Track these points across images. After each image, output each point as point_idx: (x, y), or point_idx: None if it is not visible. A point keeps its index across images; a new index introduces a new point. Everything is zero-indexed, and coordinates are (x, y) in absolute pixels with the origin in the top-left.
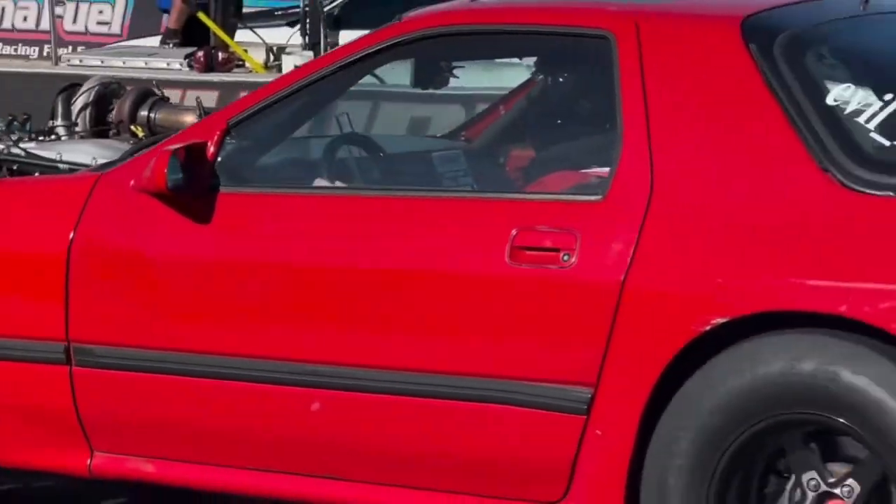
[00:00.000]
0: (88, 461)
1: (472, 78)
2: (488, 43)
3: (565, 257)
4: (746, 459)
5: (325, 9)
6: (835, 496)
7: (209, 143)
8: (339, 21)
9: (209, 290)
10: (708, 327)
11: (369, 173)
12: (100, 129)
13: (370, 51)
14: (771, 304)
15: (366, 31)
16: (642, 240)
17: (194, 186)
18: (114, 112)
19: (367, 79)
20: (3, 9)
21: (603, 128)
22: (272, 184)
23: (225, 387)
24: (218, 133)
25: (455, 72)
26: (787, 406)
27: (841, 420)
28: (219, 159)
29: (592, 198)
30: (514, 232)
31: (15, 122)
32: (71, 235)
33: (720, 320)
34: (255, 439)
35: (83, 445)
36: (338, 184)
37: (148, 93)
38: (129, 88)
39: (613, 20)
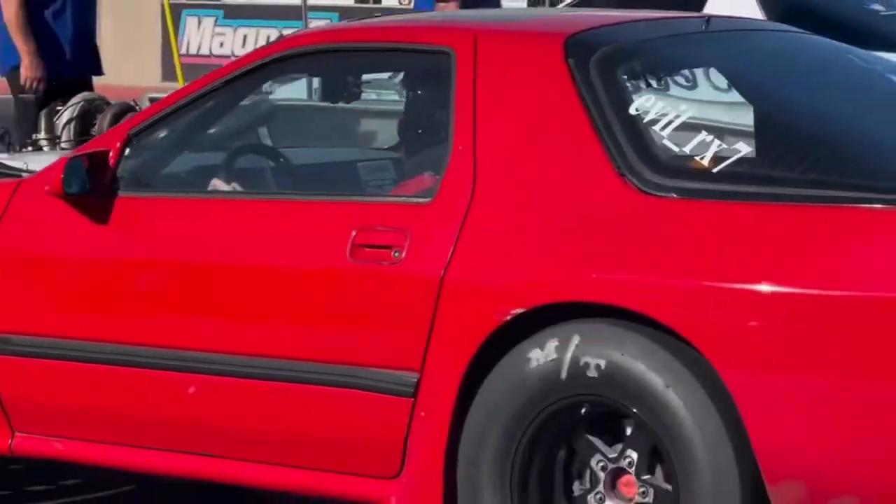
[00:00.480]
0: (10, 441)
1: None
2: (353, 59)
3: (396, 254)
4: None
5: None
6: (624, 471)
7: (111, 152)
8: None
9: (104, 285)
10: (508, 317)
11: (244, 179)
12: (82, 140)
13: (253, 66)
14: (560, 296)
15: None
16: (461, 239)
17: (96, 191)
18: (96, 126)
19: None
20: None
21: (439, 136)
22: (159, 189)
23: (117, 372)
24: (119, 142)
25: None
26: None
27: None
28: (120, 166)
29: (423, 200)
30: (354, 232)
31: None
32: None
33: (519, 311)
34: (143, 420)
35: (4, 426)
36: (215, 189)
37: (128, 108)
38: (111, 104)
39: (455, 37)
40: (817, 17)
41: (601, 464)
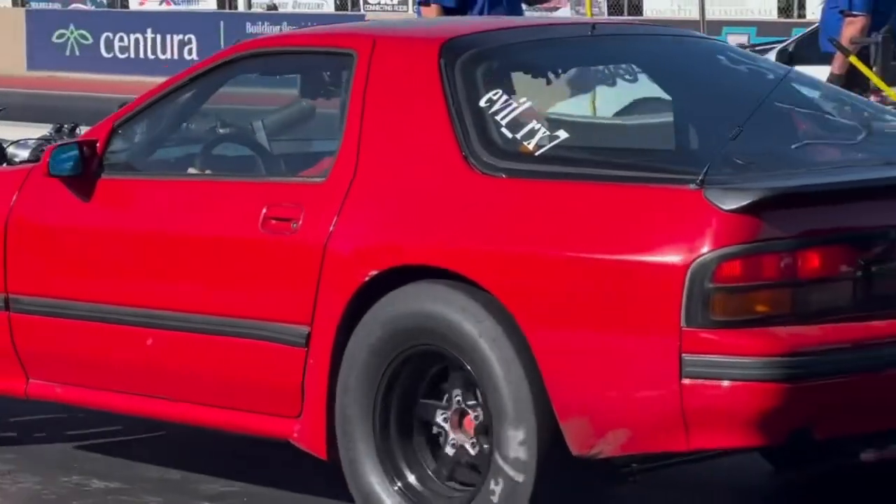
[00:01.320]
0: (25, 386)
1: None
2: (283, 61)
3: (293, 225)
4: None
5: None
6: (465, 412)
7: (98, 140)
8: None
9: (86, 252)
10: (367, 278)
11: (193, 163)
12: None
13: (209, 68)
14: (405, 260)
15: None
16: (341, 213)
17: (85, 173)
18: None
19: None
20: None
21: (339, 126)
22: (130, 171)
23: (95, 328)
24: (106, 132)
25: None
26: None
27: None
28: (105, 153)
29: (317, 180)
30: (265, 208)
31: (63, 128)
32: (7, 212)
33: (375, 272)
34: (117, 367)
35: (21, 374)
36: (169, 172)
37: None
38: None
39: (357, 41)
40: None
41: (454, 407)
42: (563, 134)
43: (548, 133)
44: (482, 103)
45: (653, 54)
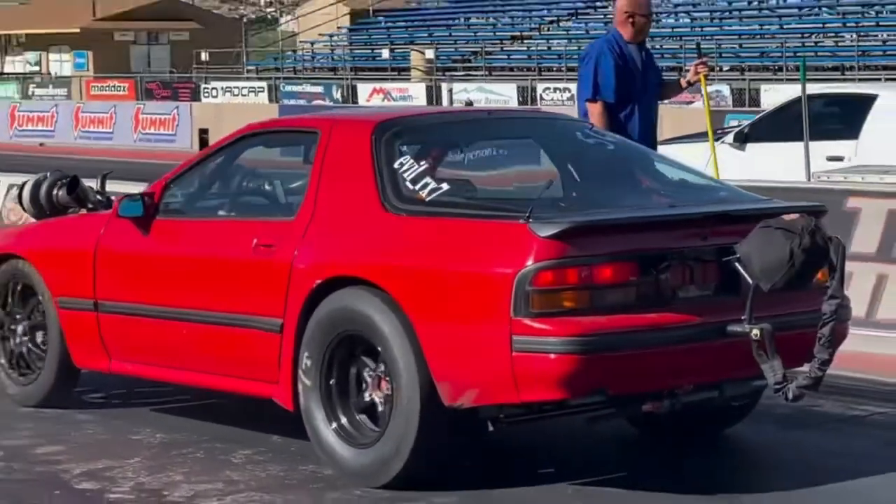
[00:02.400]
0: (109, 364)
1: None
2: (275, 137)
3: (273, 249)
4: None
5: None
6: (380, 378)
7: (155, 193)
8: None
9: (144, 270)
10: (315, 284)
11: (214, 208)
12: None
13: (228, 143)
14: (338, 272)
15: None
16: (302, 242)
17: (147, 215)
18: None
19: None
20: None
21: (306, 181)
22: (174, 214)
23: (153, 323)
24: (160, 187)
25: None
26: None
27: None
28: (162, 201)
29: (289, 218)
30: (255, 238)
31: (108, 175)
32: (96, 242)
33: (319, 281)
34: (165, 350)
35: (105, 355)
36: (200, 214)
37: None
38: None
39: (321, 123)
40: None
41: (369, 373)
42: (444, 186)
43: (435, 186)
44: (395, 166)
45: (526, 131)
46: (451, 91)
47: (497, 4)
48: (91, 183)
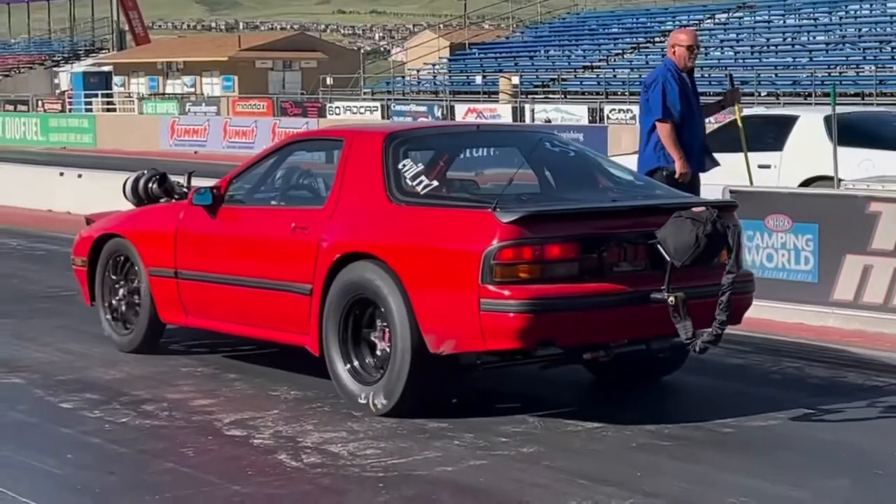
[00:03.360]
0: (185, 320)
1: None
2: (312, 144)
3: (307, 231)
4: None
5: None
6: (384, 330)
7: (222, 185)
8: None
9: (211, 247)
10: (335, 259)
11: (267, 198)
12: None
13: (278, 147)
14: (351, 248)
15: None
16: (328, 225)
17: (215, 204)
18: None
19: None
20: None
21: (334, 179)
22: (236, 203)
23: (213, 287)
24: (226, 182)
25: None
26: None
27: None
28: (226, 192)
29: (319, 207)
30: (294, 222)
31: (192, 174)
32: (176, 225)
33: (338, 255)
34: (224, 308)
35: (184, 314)
36: (255, 203)
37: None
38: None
39: (346, 134)
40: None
41: (378, 327)
42: (435, 183)
43: (428, 182)
44: (399, 167)
45: (509, 141)
46: (532, 111)
47: (572, 39)
48: (180, 179)
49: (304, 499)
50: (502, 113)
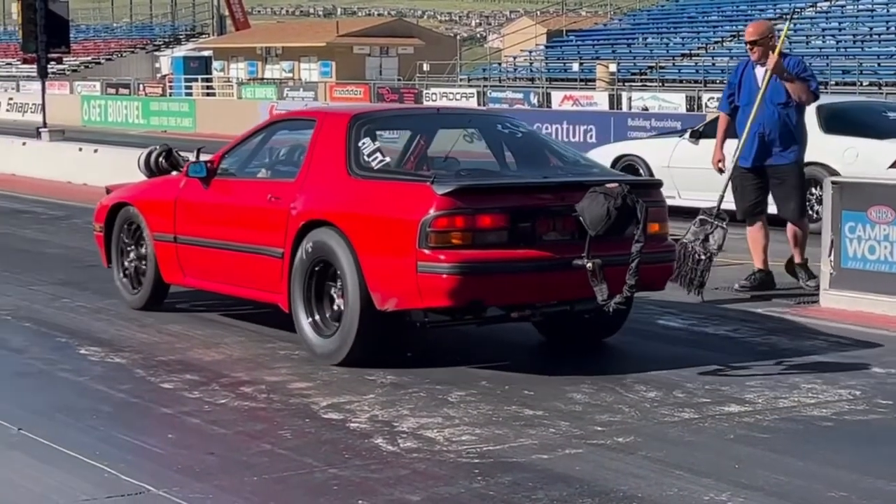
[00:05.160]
0: (184, 280)
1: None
2: (292, 123)
3: (280, 200)
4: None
5: None
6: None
7: (215, 160)
8: None
9: (204, 214)
10: (300, 225)
11: (251, 171)
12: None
13: (265, 124)
14: (313, 216)
15: None
16: (297, 195)
17: (209, 176)
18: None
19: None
20: None
21: (305, 153)
22: (226, 175)
23: (205, 251)
24: (218, 157)
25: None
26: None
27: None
28: (219, 166)
29: (290, 179)
30: (269, 193)
31: (201, 150)
32: (176, 194)
33: (303, 222)
34: (214, 270)
35: (182, 275)
36: (241, 175)
37: (166, 148)
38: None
39: (318, 114)
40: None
41: (333, 286)
42: (386, 159)
43: (381, 158)
44: (359, 145)
45: (467, 123)
46: (629, 99)
47: (670, 26)
48: (190, 154)
49: (400, 483)
50: (599, 101)
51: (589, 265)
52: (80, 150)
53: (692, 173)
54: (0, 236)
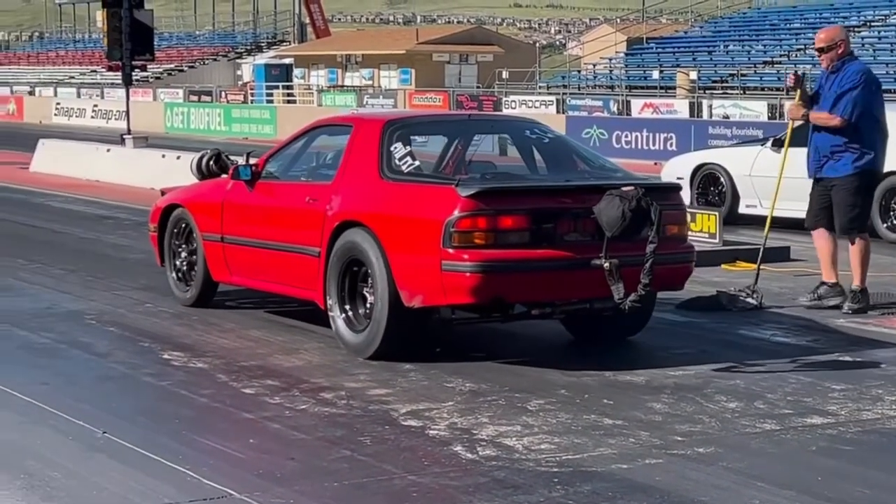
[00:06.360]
0: (230, 278)
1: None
2: (330, 129)
3: (317, 202)
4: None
5: None
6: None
7: (259, 164)
8: None
9: (250, 215)
10: (335, 226)
11: (293, 174)
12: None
13: (305, 129)
14: (346, 217)
15: None
16: (333, 197)
17: (253, 179)
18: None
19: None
20: None
21: (342, 157)
22: (271, 178)
23: (253, 250)
24: (263, 160)
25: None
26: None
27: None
28: (263, 169)
29: (328, 182)
30: (308, 195)
31: (250, 154)
32: (223, 196)
33: (337, 223)
34: (259, 268)
35: (229, 273)
36: (284, 178)
37: (217, 152)
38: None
39: (354, 121)
40: None
41: (364, 284)
42: (416, 162)
43: (411, 162)
44: (391, 149)
45: (497, 129)
46: (710, 107)
47: (752, 34)
48: (240, 158)
49: (479, 491)
50: (679, 108)
51: (606, 265)
52: (164, 156)
53: (775, 182)
54: (85, 242)
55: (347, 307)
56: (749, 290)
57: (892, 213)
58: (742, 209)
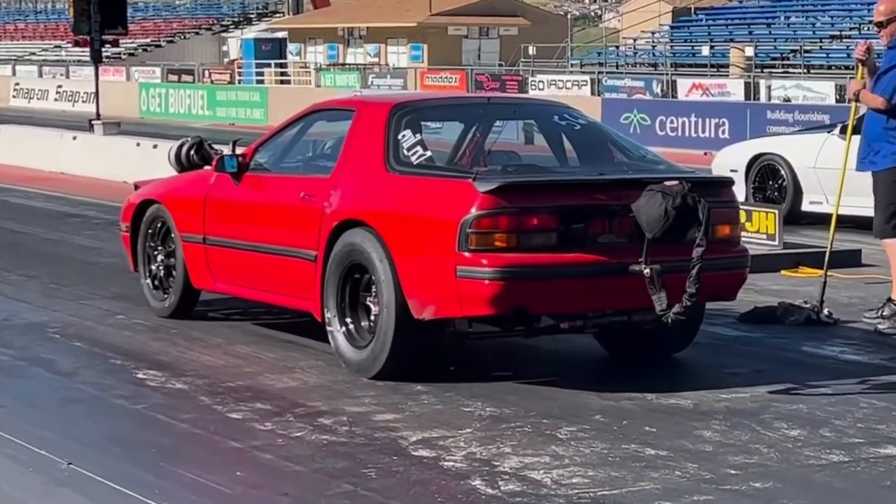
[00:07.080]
0: (214, 285)
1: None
2: (329, 114)
3: (313, 199)
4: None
5: None
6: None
7: (247, 154)
8: None
9: (236, 212)
10: (333, 226)
11: (284, 166)
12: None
13: (299, 115)
14: (347, 216)
15: None
16: (332, 191)
17: (240, 171)
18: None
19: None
20: None
21: (342, 146)
22: (258, 171)
23: (239, 253)
24: (251, 151)
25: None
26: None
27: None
28: (251, 160)
29: (326, 175)
30: (303, 190)
31: (237, 142)
32: (205, 191)
33: (336, 223)
34: (247, 274)
35: (212, 279)
36: (274, 171)
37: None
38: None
39: (357, 104)
40: None
41: (373, 292)
42: (428, 153)
43: (423, 153)
44: (399, 137)
45: (521, 114)
46: (769, 87)
47: (817, 4)
48: (225, 147)
49: None
50: (733, 90)
51: (646, 271)
52: (138, 145)
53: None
54: (47, 243)
55: (348, 320)
56: (816, 303)
57: None
58: (805, 206)
